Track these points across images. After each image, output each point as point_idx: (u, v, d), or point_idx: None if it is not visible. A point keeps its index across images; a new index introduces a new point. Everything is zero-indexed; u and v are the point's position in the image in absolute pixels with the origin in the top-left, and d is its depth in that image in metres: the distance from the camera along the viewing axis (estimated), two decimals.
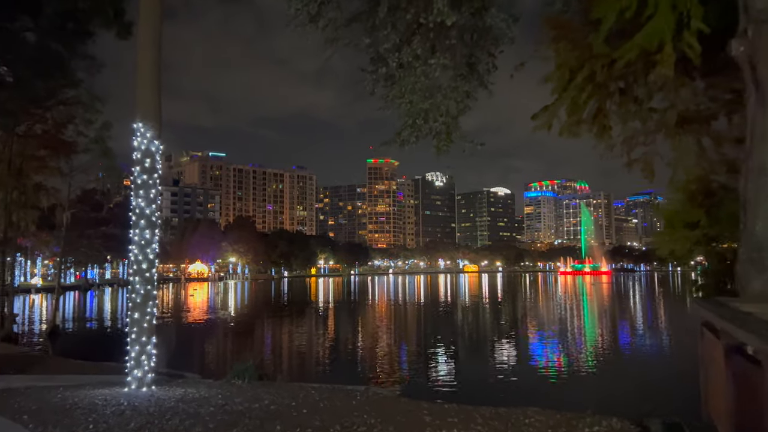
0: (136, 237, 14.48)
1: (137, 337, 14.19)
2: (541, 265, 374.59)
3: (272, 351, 32.67)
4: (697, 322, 8.06)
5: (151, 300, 14.55)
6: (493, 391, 20.19)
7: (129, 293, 14.94)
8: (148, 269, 14.57)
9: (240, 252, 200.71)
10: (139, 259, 14.45)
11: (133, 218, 14.57)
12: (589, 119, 14.19)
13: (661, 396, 19.51)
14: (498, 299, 77.25)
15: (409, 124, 15.47)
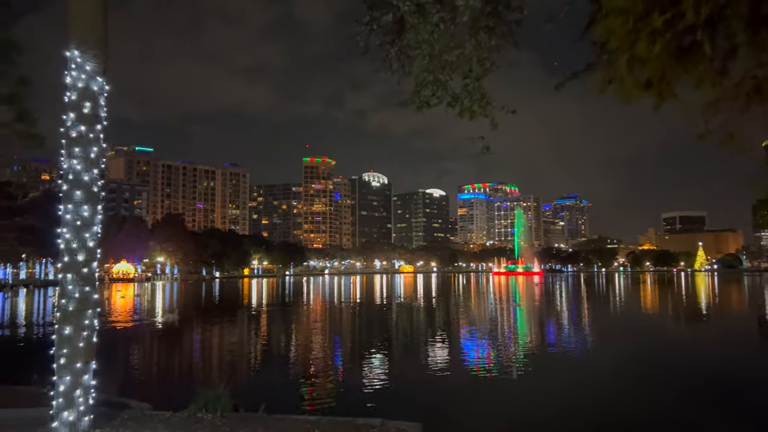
0: (68, 215, 9.86)
1: (69, 363, 9.62)
2: (474, 266, 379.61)
3: (213, 362, 28.26)
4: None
5: (90, 307, 9.97)
6: (416, 393, 19.87)
7: (57, 298, 10.19)
8: (87, 262, 10.02)
9: (169, 251, 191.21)
10: (73, 247, 9.88)
11: (65, 187, 9.90)
12: (653, 81, 10.57)
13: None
14: (434, 300, 75.05)
15: (430, 81, 11.31)
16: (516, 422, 16.53)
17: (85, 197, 10.08)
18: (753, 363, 26.93)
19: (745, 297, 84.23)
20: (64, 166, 10.13)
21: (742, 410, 17.88)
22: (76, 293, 9.87)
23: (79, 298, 9.88)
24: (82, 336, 9.86)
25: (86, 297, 9.97)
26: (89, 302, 10.02)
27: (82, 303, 9.89)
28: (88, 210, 10.10)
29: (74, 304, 9.85)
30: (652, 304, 71.08)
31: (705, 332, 41.08)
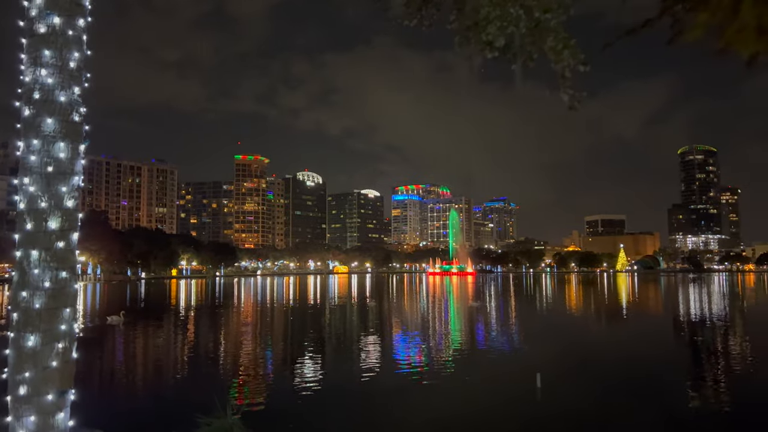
0: (33, 156, 6.14)
1: (34, 393, 5.85)
2: (407, 267, 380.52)
3: (138, 371, 25.87)
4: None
5: (68, 304, 6.20)
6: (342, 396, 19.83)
7: (13, 290, 6.36)
8: (63, 233, 6.28)
9: (91, 251, 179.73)
10: (40, 206, 6.15)
11: (26, 112, 6.15)
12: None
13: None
14: (368, 301, 74.02)
15: (496, 16, 7.90)
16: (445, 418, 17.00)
17: (61, 128, 6.33)
18: (666, 358, 28.57)
19: (662, 296, 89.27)
20: (25, 78, 6.34)
21: (655, 402, 18.76)
22: (46, 281, 6.12)
23: (52, 290, 6.15)
24: (56, 350, 6.13)
25: (62, 288, 6.25)
26: (67, 296, 6.30)
27: (55, 297, 6.19)
28: (66, 149, 6.36)
29: (43, 299, 6.10)
30: (583, 303, 73.80)
31: (626, 330, 43.56)
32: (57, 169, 6.37)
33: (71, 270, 6.38)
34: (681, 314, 56.25)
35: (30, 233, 6.22)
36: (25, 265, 6.21)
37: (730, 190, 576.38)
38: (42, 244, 6.23)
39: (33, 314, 6.09)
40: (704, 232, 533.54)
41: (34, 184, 6.27)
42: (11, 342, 6.15)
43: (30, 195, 6.29)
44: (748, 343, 34.15)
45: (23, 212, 6.32)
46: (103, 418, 13.25)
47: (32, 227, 6.25)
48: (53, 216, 6.31)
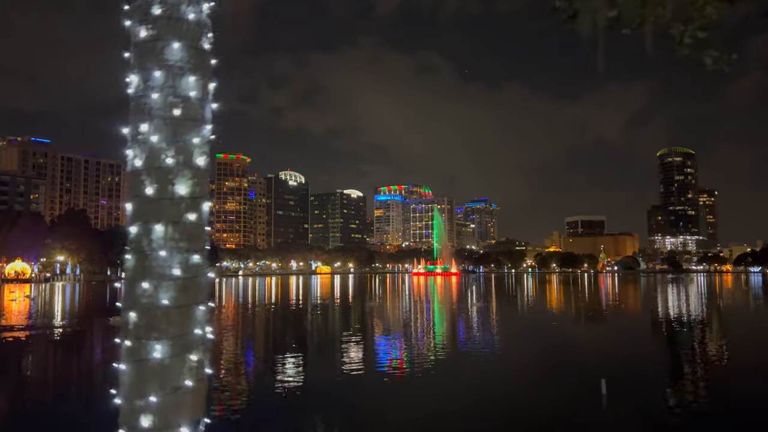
0: (155, 94, 4.18)
1: (161, 426, 3.95)
2: (390, 267, 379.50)
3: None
4: None
5: (204, 299, 4.31)
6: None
7: (130, 284, 4.43)
8: (195, 202, 4.32)
9: (71, 250, 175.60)
10: (167, 162, 4.23)
11: (140, 33, 4.24)
12: None
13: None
14: (354, 304, 72.22)
15: None
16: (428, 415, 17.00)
17: (190, 57, 4.57)
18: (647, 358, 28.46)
19: (642, 297, 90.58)
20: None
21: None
22: (175, 267, 4.34)
23: (183, 280, 4.37)
24: (189, 364, 4.36)
25: (194, 277, 4.47)
26: (200, 289, 4.54)
27: (187, 291, 4.42)
28: (196, 86, 4.60)
29: (172, 292, 4.32)
30: (571, 304, 73.53)
31: (608, 330, 44.21)
32: (186, 114, 4.60)
33: (203, 253, 4.63)
34: (678, 314, 56.07)
35: (152, 201, 4.42)
36: (145, 244, 4.41)
37: (707, 192, 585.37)
38: (168, 215, 4.44)
39: (159, 314, 4.29)
40: (682, 233, 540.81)
41: (156, 132, 4.49)
42: (126, 353, 4.34)
43: (151, 147, 4.50)
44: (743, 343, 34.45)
45: (140, 171, 4.53)
46: None
47: (155, 192, 4.46)
48: (182, 177, 4.53)
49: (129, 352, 4.38)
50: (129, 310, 4.48)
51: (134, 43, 4.79)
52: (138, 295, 4.45)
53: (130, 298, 4.48)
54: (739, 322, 49.10)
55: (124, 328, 4.46)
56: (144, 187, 4.53)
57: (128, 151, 4.70)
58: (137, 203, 4.55)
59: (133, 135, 4.69)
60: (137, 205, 4.54)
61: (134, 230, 4.51)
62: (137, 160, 4.61)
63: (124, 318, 4.46)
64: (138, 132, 4.62)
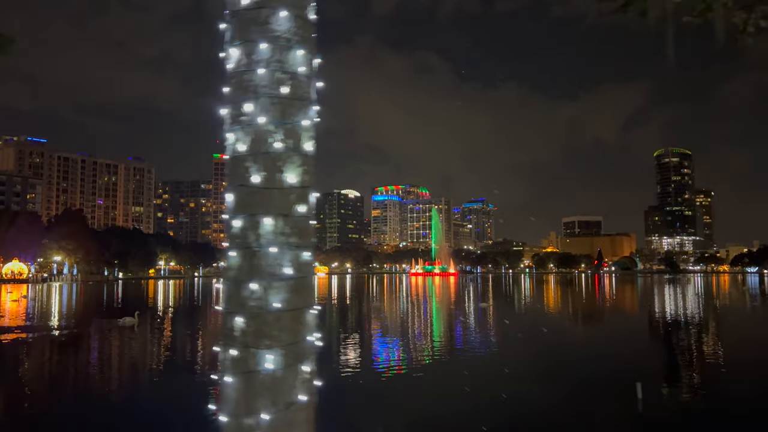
0: (260, 69, 3.57)
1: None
2: (387, 267, 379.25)
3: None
4: None
5: (310, 303, 3.71)
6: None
7: (235, 285, 3.83)
8: (304, 192, 3.73)
9: (68, 250, 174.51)
10: (274, 147, 3.65)
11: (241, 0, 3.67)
12: None
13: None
14: (354, 305, 71.38)
15: None
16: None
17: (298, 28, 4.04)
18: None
19: (639, 297, 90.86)
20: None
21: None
22: (286, 266, 3.80)
23: (294, 281, 3.83)
24: (301, 376, 3.81)
25: (305, 278, 3.93)
26: (309, 291, 4.00)
27: (299, 293, 3.90)
28: (304, 61, 4.07)
29: (284, 294, 3.78)
30: (572, 305, 73.57)
31: (611, 331, 43.85)
32: (294, 92, 4.03)
33: (312, 250, 4.07)
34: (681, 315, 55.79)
35: (259, 190, 3.85)
36: (252, 240, 3.84)
37: (704, 193, 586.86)
38: (278, 206, 3.87)
39: (270, 320, 3.71)
40: (679, 233, 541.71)
41: (262, 113, 3.93)
42: (231, 364, 3.76)
43: (256, 130, 3.92)
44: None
45: (244, 157, 3.94)
46: None
47: (263, 180, 3.89)
48: (291, 164, 3.97)
49: (235, 363, 3.81)
50: (234, 314, 3.91)
51: (233, 12, 4.24)
52: (245, 297, 3.88)
53: (236, 300, 3.91)
54: (737, 322, 48.96)
55: (227, 335, 3.91)
56: (249, 174, 3.97)
57: (229, 134, 4.15)
58: (241, 193, 3.98)
59: (235, 116, 4.13)
60: (241, 195, 3.98)
61: (238, 224, 3.94)
62: (240, 145, 4.05)
63: (229, 323, 3.89)
64: (241, 113, 4.06)
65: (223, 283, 4.05)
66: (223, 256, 4.13)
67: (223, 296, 4.03)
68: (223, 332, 3.94)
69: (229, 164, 4.19)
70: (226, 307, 4.00)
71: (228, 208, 4.05)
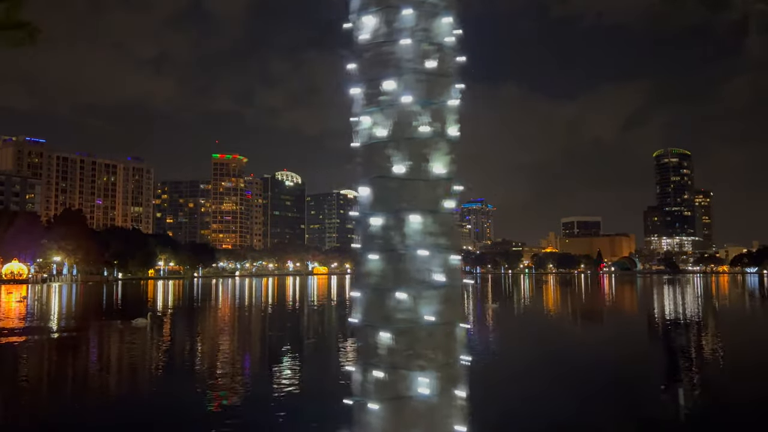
0: (405, 40, 2.88)
1: None
2: None
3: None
4: None
5: (459, 315, 3.04)
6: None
7: (377, 294, 3.16)
8: (449, 189, 3.07)
9: (68, 250, 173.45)
10: (420, 135, 2.87)
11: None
12: None
13: None
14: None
15: None
16: None
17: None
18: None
19: (638, 297, 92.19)
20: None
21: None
22: (437, 272, 3.18)
23: (446, 289, 3.21)
24: (455, 400, 3.20)
25: (454, 286, 3.31)
26: (457, 301, 3.38)
27: (452, 303, 3.27)
28: (449, 31, 3.43)
29: (436, 305, 3.16)
30: (580, 306, 73.51)
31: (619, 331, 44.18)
32: (441, 66, 3.41)
33: (459, 252, 3.45)
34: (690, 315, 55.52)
35: (403, 182, 3.23)
36: (397, 241, 3.19)
37: (703, 193, 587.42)
38: (424, 201, 3.24)
39: (422, 336, 3.09)
40: (678, 233, 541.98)
41: (407, 91, 3.30)
42: (376, 388, 3.15)
43: (400, 111, 3.28)
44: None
45: (383, 143, 3.31)
46: None
47: (408, 170, 3.26)
48: (438, 151, 3.35)
49: (382, 387, 3.16)
50: (376, 328, 3.26)
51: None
52: (391, 308, 3.22)
53: (378, 312, 3.26)
54: (737, 323, 48.95)
55: (368, 353, 3.25)
56: (391, 164, 3.33)
57: (362, 117, 3.51)
58: (381, 186, 3.33)
59: (371, 96, 3.48)
60: (382, 189, 3.32)
61: (378, 222, 3.30)
62: (378, 129, 3.40)
63: (371, 339, 3.25)
64: (379, 91, 3.42)
65: (360, 290, 3.43)
66: (360, 258, 3.50)
67: (361, 306, 3.40)
68: (363, 349, 3.31)
69: (363, 152, 3.56)
70: (365, 319, 3.36)
71: (361, 204, 3.41)
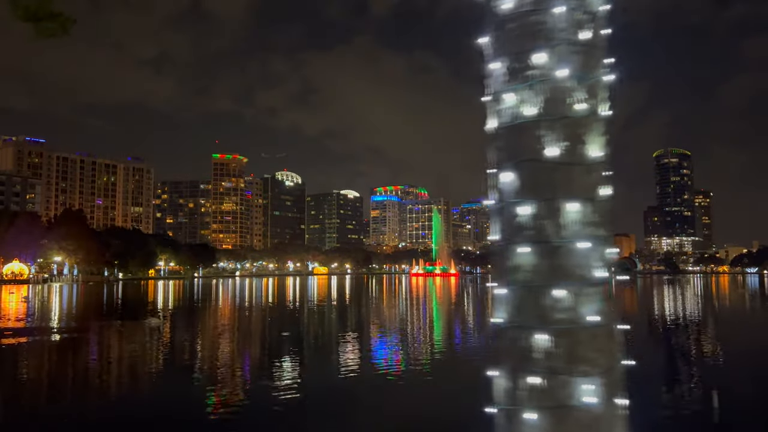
0: (558, 7, 2.52)
1: None
2: (387, 268, 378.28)
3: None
4: None
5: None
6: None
7: (531, 291, 2.76)
8: (604, 175, 2.65)
9: (68, 251, 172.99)
10: (575, 113, 2.50)
11: None
12: None
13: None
14: (357, 306, 70.18)
15: None
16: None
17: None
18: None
19: (639, 299, 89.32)
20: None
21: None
22: (595, 267, 2.83)
23: (605, 289, 2.86)
24: (620, 413, 2.85)
25: (603, 282, 2.96)
26: (606, 296, 3.03)
27: (611, 301, 2.90)
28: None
29: (597, 303, 2.81)
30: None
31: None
32: (595, 38, 3.08)
33: (612, 245, 3.12)
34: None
35: (558, 167, 2.89)
36: (551, 232, 2.86)
37: (703, 193, 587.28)
38: (581, 187, 2.91)
39: (584, 338, 2.76)
40: (679, 234, 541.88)
41: (561, 64, 2.96)
42: (531, 395, 2.80)
43: (552, 87, 2.94)
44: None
45: (532, 123, 2.97)
46: None
47: (563, 153, 2.92)
48: (593, 132, 3.01)
49: (539, 394, 2.83)
50: (530, 329, 2.92)
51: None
52: (547, 307, 2.89)
53: (531, 311, 2.91)
54: (738, 323, 48.68)
55: (521, 357, 2.91)
56: (542, 146, 2.99)
57: (506, 95, 3.15)
58: (531, 171, 2.97)
59: (516, 70, 3.12)
60: (532, 174, 2.97)
61: (527, 211, 2.95)
62: (526, 107, 3.05)
63: (524, 342, 2.91)
64: (527, 65, 3.06)
65: (505, 287, 3.08)
66: (503, 252, 3.13)
67: (509, 305, 3.04)
68: (514, 353, 2.96)
69: (506, 134, 3.21)
70: (515, 319, 3.00)
71: (504, 191, 3.07)
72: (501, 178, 3.12)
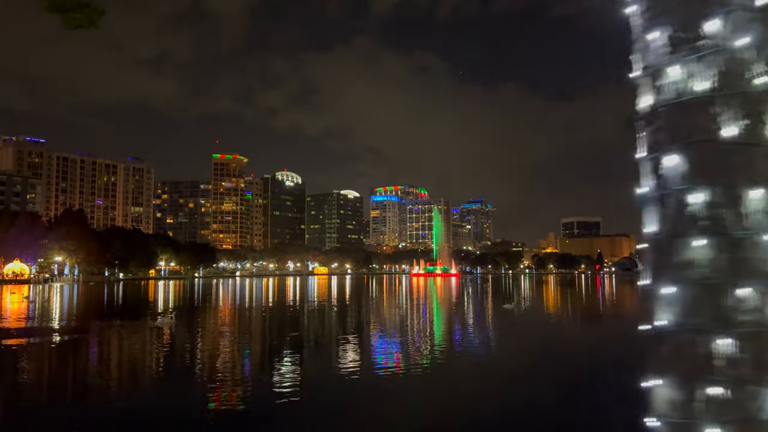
0: None
1: None
2: (387, 268, 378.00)
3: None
4: None
5: None
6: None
7: (716, 290, 2.38)
8: None
9: (69, 251, 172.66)
10: (757, 87, 2.10)
11: None
12: None
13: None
14: (359, 306, 69.81)
15: None
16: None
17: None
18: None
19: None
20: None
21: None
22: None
23: None
24: None
25: None
26: None
27: None
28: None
29: None
30: (587, 306, 73.22)
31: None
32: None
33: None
34: None
35: (738, 148, 2.57)
36: (730, 222, 2.55)
37: None
38: (765, 171, 2.61)
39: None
40: None
41: (737, 32, 2.61)
42: (712, 406, 2.47)
43: (729, 58, 2.61)
44: None
45: (705, 99, 2.65)
46: None
47: (742, 132, 2.58)
48: None
49: (723, 406, 2.50)
50: (707, 333, 2.57)
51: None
52: (730, 308, 2.56)
53: (709, 312, 2.58)
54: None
55: (696, 364, 2.57)
56: (717, 126, 2.64)
57: (669, 68, 2.80)
58: (704, 152, 2.65)
59: (682, 39, 2.77)
60: (705, 156, 2.65)
61: (699, 198, 2.62)
62: (696, 81, 2.71)
63: (699, 347, 2.58)
64: (697, 35, 2.71)
65: (674, 284, 2.73)
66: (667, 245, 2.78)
67: (678, 305, 2.69)
68: (685, 359, 2.62)
69: (671, 113, 2.86)
70: (687, 321, 2.66)
71: (668, 177, 2.73)
72: (664, 162, 2.77)
